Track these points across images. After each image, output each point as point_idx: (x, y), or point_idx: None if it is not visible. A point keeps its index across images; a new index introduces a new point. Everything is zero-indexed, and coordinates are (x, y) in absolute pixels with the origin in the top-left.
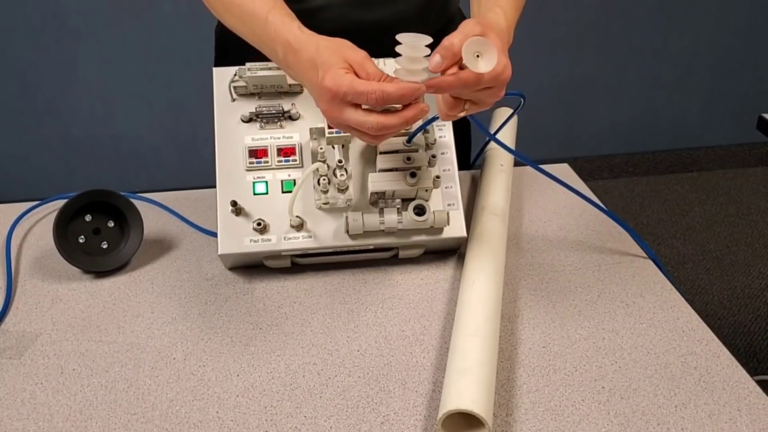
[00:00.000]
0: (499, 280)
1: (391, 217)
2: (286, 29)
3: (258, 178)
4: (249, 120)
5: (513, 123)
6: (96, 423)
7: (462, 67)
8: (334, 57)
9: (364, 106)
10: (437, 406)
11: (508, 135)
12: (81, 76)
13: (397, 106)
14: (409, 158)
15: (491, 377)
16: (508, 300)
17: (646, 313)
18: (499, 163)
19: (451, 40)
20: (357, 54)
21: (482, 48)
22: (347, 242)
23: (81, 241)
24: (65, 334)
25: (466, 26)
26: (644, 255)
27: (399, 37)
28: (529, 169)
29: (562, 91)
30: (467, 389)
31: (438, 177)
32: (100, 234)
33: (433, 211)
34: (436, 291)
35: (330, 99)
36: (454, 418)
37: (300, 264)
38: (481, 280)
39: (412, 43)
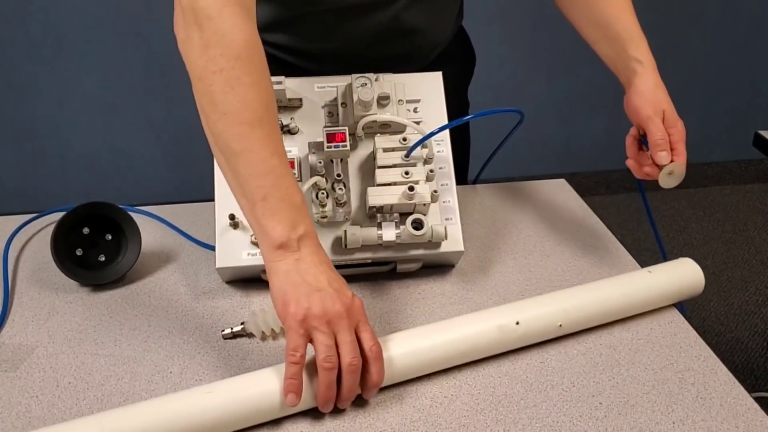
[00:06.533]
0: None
1: (389, 231)
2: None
3: None
4: None
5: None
6: None
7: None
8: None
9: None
10: (435, 421)
11: None
12: (80, 90)
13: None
14: (407, 172)
15: None
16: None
17: (644, 328)
18: None
19: (663, 135)
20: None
21: (676, 168)
22: (345, 256)
23: (78, 253)
24: (61, 347)
25: (652, 120)
26: None
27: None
28: (526, 183)
29: (560, 106)
30: None
31: (436, 191)
32: (97, 247)
33: (431, 226)
34: (434, 305)
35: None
36: None
37: None
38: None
39: None
